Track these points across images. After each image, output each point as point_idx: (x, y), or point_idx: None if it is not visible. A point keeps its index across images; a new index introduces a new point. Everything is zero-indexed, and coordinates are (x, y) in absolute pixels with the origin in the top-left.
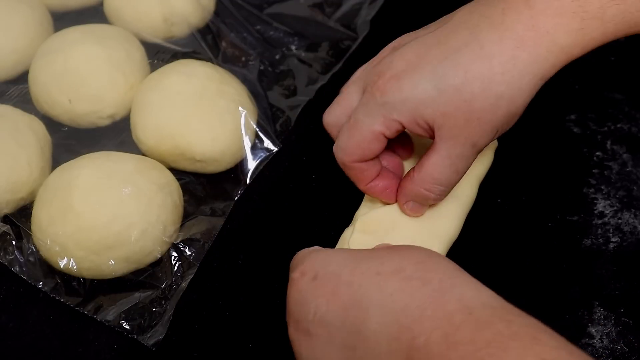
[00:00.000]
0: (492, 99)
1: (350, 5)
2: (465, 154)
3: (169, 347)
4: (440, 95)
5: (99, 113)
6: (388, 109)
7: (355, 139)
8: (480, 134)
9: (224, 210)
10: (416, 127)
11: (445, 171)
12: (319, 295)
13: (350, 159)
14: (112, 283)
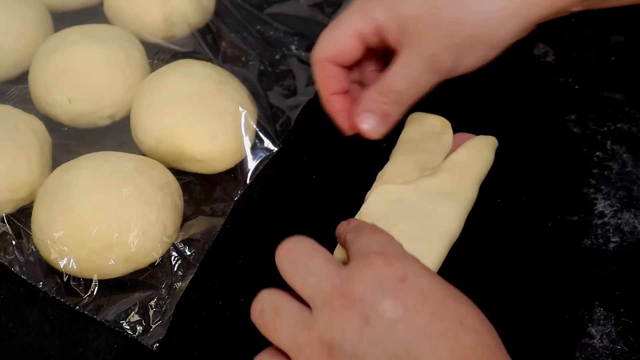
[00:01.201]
0: (460, 11)
1: (350, 5)
2: (422, 65)
3: (169, 347)
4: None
5: (98, 113)
6: (369, 6)
7: (332, 33)
8: (439, 47)
9: (224, 210)
10: (389, 29)
11: (400, 79)
12: (400, 298)
13: (322, 54)
14: (112, 283)
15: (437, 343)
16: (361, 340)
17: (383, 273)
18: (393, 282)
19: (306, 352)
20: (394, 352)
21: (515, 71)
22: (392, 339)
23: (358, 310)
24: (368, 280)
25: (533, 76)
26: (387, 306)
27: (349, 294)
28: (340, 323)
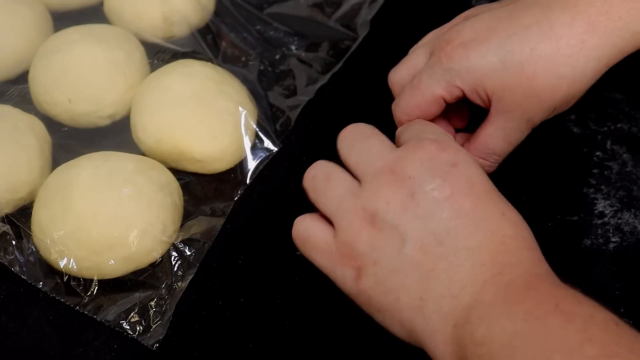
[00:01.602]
0: (554, 79)
1: (350, 5)
2: (520, 128)
3: (169, 347)
4: (504, 69)
5: (98, 113)
6: (452, 75)
7: (415, 99)
8: (536, 111)
9: (224, 210)
10: (476, 96)
11: (499, 142)
12: (448, 181)
13: (407, 118)
14: (112, 283)
15: (478, 226)
16: (405, 213)
17: (435, 156)
18: (444, 165)
19: (349, 218)
20: (435, 228)
21: None
22: (434, 216)
23: (406, 186)
24: (419, 161)
25: None
26: (435, 185)
27: (398, 170)
28: (387, 194)
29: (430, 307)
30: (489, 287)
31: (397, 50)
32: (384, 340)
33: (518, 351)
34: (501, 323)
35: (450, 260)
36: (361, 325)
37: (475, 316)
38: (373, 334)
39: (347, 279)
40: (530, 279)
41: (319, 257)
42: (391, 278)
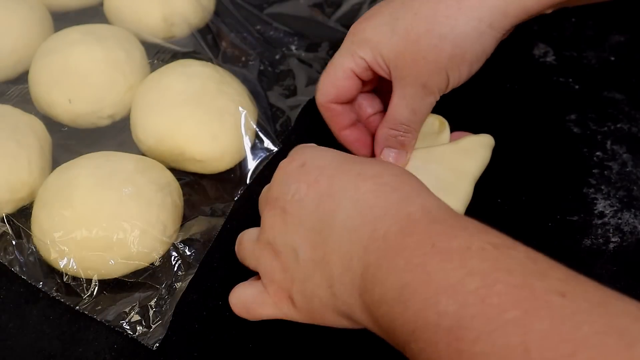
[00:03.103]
0: (436, 39)
1: (350, 5)
2: (418, 94)
3: (169, 347)
4: (393, 36)
5: (98, 113)
6: (355, 47)
7: (329, 77)
8: (427, 73)
9: (224, 210)
10: (377, 66)
11: (403, 111)
12: (302, 180)
13: (325, 98)
14: (112, 283)
15: (339, 198)
16: (287, 228)
17: (286, 168)
18: (294, 171)
19: (264, 262)
20: (311, 224)
21: (515, 71)
22: (306, 214)
23: (277, 207)
24: (277, 181)
25: (533, 76)
26: (293, 190)
27: (269, 198)
28: (269, 222)
29: (339, 290)
30: (370, 249)
31: None
32: (384, 340)
33: (409, 303)
34: (389, 280)
35: (333, 241)
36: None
37: (368, 281)
38: (373, 333)
39: (290, 310)
40: (403, 225)
41: (262, 310)
42: (306, 286)
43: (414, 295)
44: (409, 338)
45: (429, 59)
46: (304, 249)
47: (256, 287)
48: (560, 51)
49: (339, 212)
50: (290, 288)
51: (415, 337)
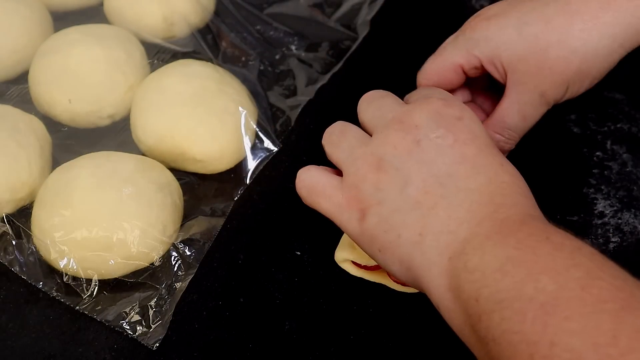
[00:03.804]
0: (567, 52)
1: (350, 5)
2: (534, 102)
3: (169, 347)
4: (519, 40)
5: (98, 113)
6: (472, 43)
7: (436, 64)
8: (549, 84)
9: (224, 210)
10: (492, 67)
11: (513, 116)
12: (452, 131)
13: (426, 82)
14: (112, 283)
15: (479, 171)
16: (410, 158)
17: (441, 110)
18: (449, 118)
19: (358, 164)
20: (437, 171)
21: None
22: (437, 161)
23: (412, 134)
24: (426, 113)
25: None
26: (440, 134)
27: (407, 120)
28: (394, 140)
29: (428, 242)
30: (484, 223)
31: (397, 50)
32: (384, 340)
33: (508, 274)
34: (494, 251)
35: (450, 200)
36: (361, 325)
37: (470, 247)
38: (373, 334)
39: (352, 221)
40: (524, 218)
41: (325, 202)
42: (393, 216)
43: (516, 268)
44: (494, 307)
45: (555, 70)
46: (416, 187)
47: (332, 180)
48: None
49: (471, 182)
50: (372, 205)
51: (503, 306)
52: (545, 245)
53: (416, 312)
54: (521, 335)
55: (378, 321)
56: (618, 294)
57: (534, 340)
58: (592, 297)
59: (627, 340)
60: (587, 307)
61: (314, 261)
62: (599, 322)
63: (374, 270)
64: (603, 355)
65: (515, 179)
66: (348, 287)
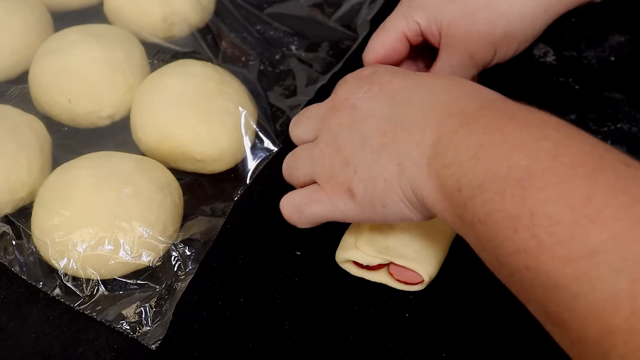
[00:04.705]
0: (493, 15)
1: (350, 5)
2: (464, 63)
3: (169, 347)
4: (451, 5)
5: (98, 113)
6: (411, 12)
7: (380, 37)
8: (478, 46)
9: (224, 210)
10: (429, 32)
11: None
12: (374, 81)
13: (373, 57)
14: (112, 283)
15: (414, 91)
16: (355, 121)
17: (357, 75)
18: (367, 76)
19: (321, 161)
20: (382, 114)
21: (515, 71)
22: (376, 108)
23: (345, 106)
24: (347, 84)
25: (533, 76)
26: (365, 89)
27: (335, 101)
28: (336, 121)
29: (407, 164)
30: (446, 121)
31: None
32: (384, 340)
33: (481, 159)
34: (465, 141)
35: (405, 123)
36: (361, 325)
37: (441, 146)
38: (373, 334)
39: (347, 204)
40: (482, 102)
41: (316, 208)
42: (372, 170)
43: (488, 152)
44: (474, 192)
45: (483, 32)
46: (372, 136)
47: (309, 189)
48: (560, 51)
49: (413, 100)
50: (352, 179)
51: (482, 189)
52: (511, 123)
53: (416, 312)
54: (503, 212)
55: (378, 321)
56: (588, 158)
57: (515, 215)
58: (564, 165)
59: (600, 198)
60: (560, 175)
61: (314, 261)
62: (573, 187)
63: (375, 270)
64: (579, 216)
65: (451, 79)
66: (348, 287)
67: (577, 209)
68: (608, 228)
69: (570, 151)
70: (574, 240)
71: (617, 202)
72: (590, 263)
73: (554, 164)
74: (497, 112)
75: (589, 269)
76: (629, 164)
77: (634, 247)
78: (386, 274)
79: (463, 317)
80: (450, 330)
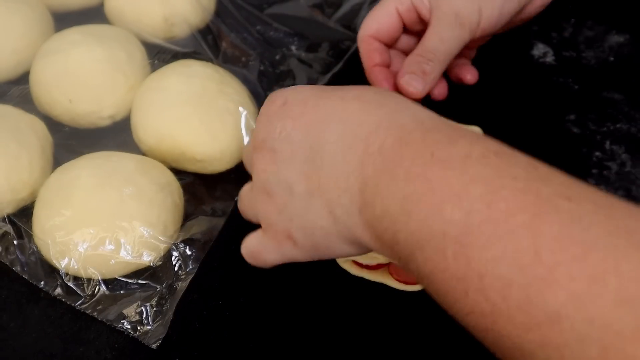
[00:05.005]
0: None
1: (350, 5)
2: (450, 23)
3: (169, 346)
4: None
5: (99, 113)
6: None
7: (373, 13)
8: (462, 3)
9: (225, 210)
10: (420, 3)
11: (432, 38)
12: (286, 117)
13: (366, 32)
14: (113, 283)
15: (327, 123)
16: (277, 166)
17: (268, 110)
18: (277, 111)
19: (259, 209)
20: (301, 156)
21: (514, 71)
22: (294, 150)
23: (265, 149)
24: (262, 124)
25: (532, 76)
26: (279, 128)
27: (255, 143)
28: (261, 167)
29: (339, 213)
30: (366, 163)
31: None
32: (384, 340)
33: (412, 214)
34: (390, 192)
35: (327, 165)
36: (361, 325)
37: (368, 195)
38: (373, 333)
39: (292, 251)
40: (398, 136)
41: (268, 256)
42: (306, 218)
43: (417, 205)
44: (414, 249)
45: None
46: (298, 182)
47: (259, 235)
48: (559, 52)
49: (329, 136)
50: (289, 227)
51: (421, 246)
52: (434, 165)
53: (416, 312)
54: (449, 273)
55: (378, 321)
56: (525, 199)
57: (462, 276)
58: (501, 213)
59: (549, 254)
60: (500, 226)
61: (314, 261)
62: (517, 241)
63: (375, 270)
64: (532, 278)
65: (362, 99)
66: (348, 287)
67: (527, 267)
68: (565, 289)
69: (504, 194)
70: (531, 303)
71: (568, 256)
72: (553, 330)
73: (490, 214)
74: (417, 150)
75: (553, 336)
76: (569, 196)
77: (597, 308)
78: (386, 274)
79: None
80: (450, 330)
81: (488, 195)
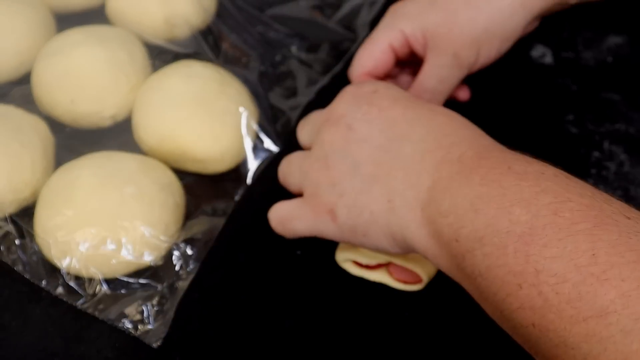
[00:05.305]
0: (473, 11)
1: (350, 6)
2: (448, 63)
3: (170, 346)
4: (432, 9)
5: (101, 114)
6: (394, 21)
7: (367, 50)
8: (460, 43)
9: (225, 210)
10: (414, 39)
11: (430, 79)
12: (374, 104)
13: (361, 70)
14: (114, 282)
15: (413, 125)
16: (348, 143)
17: (357, 92)
18: (366, 95)
19: (309, 175)
20: (378, 142)
21: (513, 72)
22: (374, 134)
23: (341, 123)
24: (345, 100)
25: (531, 77)
26: (364, 110)
27: (332, 116)
28: (329, 137)
29: (398, 204)
30: (442, 166)
31: None
32: (384, 340)
33: (481, 212)
34: (462, 192)
35: (401, 159)
36: (361, 324)
37: (438, 193)
38: (373, 333)
39: (328, 225)
40: (479, 150)
41: (298, 224)
42: (359, 198)
43: (487, 205)
44: (475, 245)
45: (464, 30)
46: (366, 164)
47: (295, 203)
48: (558, 52)
49: (412, 136)
50: (336, 202)
51: (483, 242)
52: (509, 176)
53: (416, 312)
54: (506, 268)
55: (378, 321)
56: (589, 213)
57: (519, 271)
58: (565, 220)
59: (605, 257)
60: (562, 231)
61: (314, 261)
62: (576, 244)
63: (374, 270)
64: (586, 275)
65: (450, 117)
66: (348, 287)
67: (583, 267)
68: (616, 287)
69: (571, 205)
70: (582, 299)
71: (622, 260)
72: (600, 323)
73: (555, 219)
74: (495, 163)
75: (599, 329)
76: (629, 216)
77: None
78: (386, 274)
79: (462, 317)
80: (450, 330)
81: (555, 205)
